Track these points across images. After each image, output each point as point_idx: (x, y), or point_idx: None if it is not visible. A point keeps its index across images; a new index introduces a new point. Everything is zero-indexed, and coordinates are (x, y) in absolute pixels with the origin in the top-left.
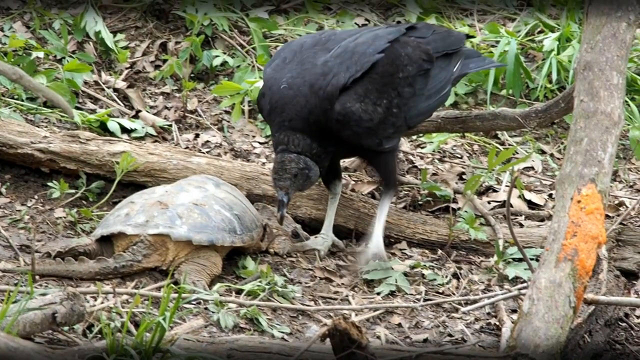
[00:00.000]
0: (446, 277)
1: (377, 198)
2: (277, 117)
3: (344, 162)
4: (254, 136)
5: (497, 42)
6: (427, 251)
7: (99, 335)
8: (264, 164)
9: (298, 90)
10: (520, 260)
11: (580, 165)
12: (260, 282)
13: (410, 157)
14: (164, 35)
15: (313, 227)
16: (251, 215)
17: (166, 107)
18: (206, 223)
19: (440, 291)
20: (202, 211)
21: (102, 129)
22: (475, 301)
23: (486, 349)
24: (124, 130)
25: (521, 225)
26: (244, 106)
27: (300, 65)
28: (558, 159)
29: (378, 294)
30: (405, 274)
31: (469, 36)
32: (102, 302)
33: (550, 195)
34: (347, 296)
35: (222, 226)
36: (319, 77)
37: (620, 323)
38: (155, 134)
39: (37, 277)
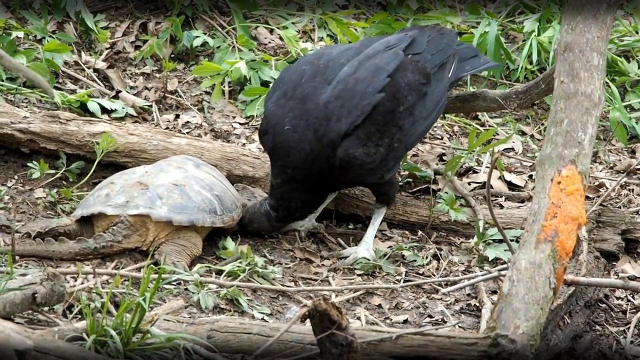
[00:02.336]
0: (426, 258)
1: None
2: (280, 159)
3: None
4: (234, 117)
5: (478, 23)
6: (407, 232)
7: (79, 316)
8: (244, 144)
9: (303, 134)
10: (500, 241)
11: (561, 146)
12: (240, 263)
13: None
14: (144, 16)
15: None
16: (231, 195)
17: (146, 88)
18: (186, 204)
19: (421, 272)
20: (182, 192)
21: (82, 109)
22: (455, 282)
23: (466, 330)
24: (104, 110)
25: (501, 207)
26: (224, 87)
27: (302, 104)
28: (538, 140)
29: (359, 275)
30: (386, 255)
31: (460, 33)
32: (82, 283)
33: (530, 177)
34: (327, 277)
35: (202, 207)
36: (322, 121)
37: (600, 304)
38: (135, 114)
39: (17, 257)
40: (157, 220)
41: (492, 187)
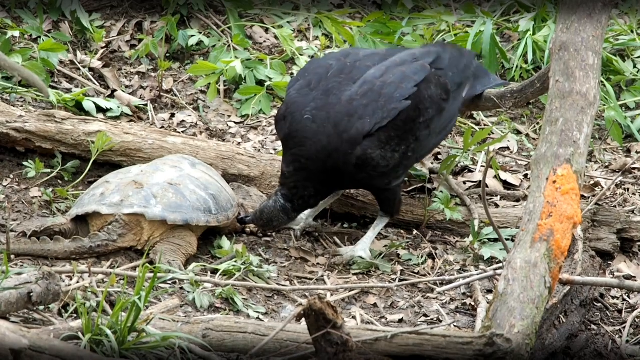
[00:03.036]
0: (422, 257)
1: None
2: (294, 147)
3: None
4: (229, 116)
5: (473, 22)
6: (402, 231)
7: (75, 315)
8: (239, 143)
9: (322, 126)
10: (495, 240)
11: (556, 145)
12: (235, 262)
13: None
14: (140, 15)
15: None
16: (227, 195)
17: (142, 87)
18: (181, 203)
19: (416, 271)
20: (177, 191)
21: (78, 108)
22: (450, 281)
23: (461, 329)
24: (100, 109)
25: (497, 206)
26: (219, 86)
27: (326, 97)
28: (534, 139)
29: (354, 274)
30: (381, 254)
31: (479, 56)
32: (78, 282)
33: (525, 176)
34: (322, 276)
35: (197, 206)
36: (344, 117)
37: (596, 303)
38: (130, 113)
39: (12, 256)
40: (152, 219)
41: (487, 186)
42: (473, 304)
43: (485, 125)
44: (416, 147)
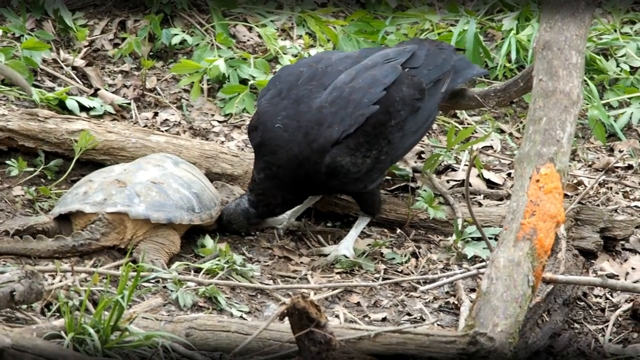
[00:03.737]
0: (405, 256)
1: None
2: (266, 155)
3: None
4: (212, 115)
5: (457, 21)
6: (386, 230)
7: (57, 314)
8: (222, 142)
9: (293, 135)
10: (479, 239)
11: (539, 144)
12: (219, 260)
13: None
14: (123, 14)
15: None
16: (210, 193)
17: (125, 86)
18: (164, 201)
19: (399, 270)
20: (160, 189)
21: (61, 107)
22: (434, 280)
23: (445, 328)
24: (83, 108)
25: (480, 205)
26: (202, 85)
27: (296, 105)
28: (517, 138)
29: (337, 273)
30: (364, 253)
31: (458, 49)
32: (61, 281)
33: (509, 175)
34: (305, 275)
35: (180, 204)
36: (314, 125)
37: (579, 302)
38: (114, 112)
39: None
40: (135, 218)
41: (470, 185)
42: (456, 302)
43: (468, 124)
44: (389, 150)
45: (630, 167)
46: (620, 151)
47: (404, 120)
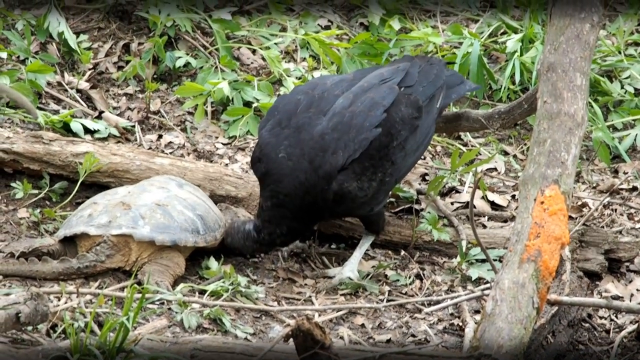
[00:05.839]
0: (409, 277)
1: None
2: (272, 184)
3: None
4: (217, 137)
5: (460, 43)
6: (390, 252)
7: (63, 335)
8: (227, 164)
9: (297, 163)
10: (483, 261)
11: (544, 166)
12: (223, 282)
13: None
14: (127, 36)
15: None
16: (214, 215)
17: (129, 108)
18: (169, 223)
19: (404, 292)
20: (164, 211)
21: (65, 129)
22: (438, 302)
23: (449, 350)
24: (87, 131)
25: (484, 226)
26: (207, 107)
27: (298, 133)
28: (521, 160)
29: (342, 294)
30: (369, 275)
31: (449, 63)
32: (66, 302)
33: (513, 197)
34: (310, 297)
35: (185, 226)
36: (318, 152)
37: (583, 324)
38: (118, 134)
39: (0, 277)
40: (140, 240)
41: (475, 207)
42: (461, 324)
43: (472, 146)
44: (393, 171)
45: (635, 188)
46: (625, 173)
47: (405, 139)
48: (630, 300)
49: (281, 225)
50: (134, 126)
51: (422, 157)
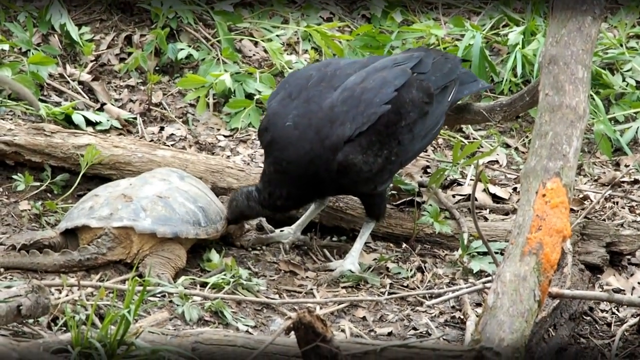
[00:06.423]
0: (411, 270)
1: None
2: (276, 151)
3: None
4: (218, 129)
5: (462, 36)
6: (391, 245)
7: (64, 328)
8: (228, 157)
9: (304, 132)
10: (484, 253)
11: (545, 159)
12: (224, 275)
13: None
14: (129, 28)
15: (278, 220)
16: (216, 207)
17: (131, 100)
18: (170, 215)
19: (405, 285)
20: (166, 204)
21: (67, 121)
22: (439, 295)
23: (451, 343)
24: (89, 123)
25: (486, 219)
26: (208, 99)
27: (307, 105)
28: (523, 152)
29: (343, 287)
30: (370, 268)
31: (464, 60)
32: (67, 295)
33: (514, 189)
34: (311, 289)
35: (186, 218)
36: (326, 123)
37: (585, 317)
38: (120, 126)
39: (1, 269)
40: (141, 232)
41: (476, 200)
42: (462, 317)
43: (474, 138)
44: (399, 151)
45: (636, 181)
46: (626, 166)
47: (414, 122)
48: (631, 294)
49: (281, 188)
50: (135, 118)
51: (424, 149)
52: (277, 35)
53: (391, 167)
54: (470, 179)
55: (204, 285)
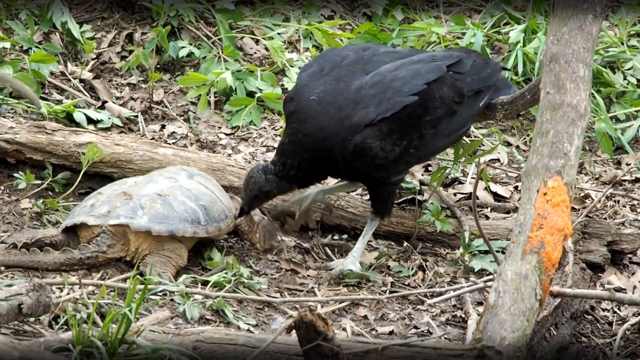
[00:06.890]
0: (412, 269)
1: None
2: (295, 122)
3: None
4: (220, 127)
5: (463, 34)
6: (393, 243)
7: (65, 327)
8: (229, 155)
9: (325, 108)
10: (486, 252)
11: (547, 157)
12: (226, 273)
13: None
14: (130, 26)
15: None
16: (221, 206)
17: (132, 98)
18: (168, 213)
19: (406, 283)
20: (164, 202)
21: (69, 119)
22: (441, 293)
23: (452, 341)
24: (90, 121)
25: (487, 218)
26: (210, 97)
27: (336, 83)
28: (524, 151)
29: (344, 286)
30: (372, 266)
31: (504, 68)
32: (68, 293)
33: (516, 188)
34: (313, 288)
35: (184, 217)
36: (350, 103)
37: (586, 316)
38: (121, 124)
39: (2, 268)
40: (137, 230)
41: (477, 198)
42: (463, 316)
43: (475, 137)
44: (420, 145)
45: (637, 180)
46: (628, 164)
47: (439, 119)
48: (633, 292)
49: (293, 158)
50: (137, 116)
51: (446, 149)
52: (279, 33)
53: (408, 158)
54: (472, 178)
55: (205, 283)
